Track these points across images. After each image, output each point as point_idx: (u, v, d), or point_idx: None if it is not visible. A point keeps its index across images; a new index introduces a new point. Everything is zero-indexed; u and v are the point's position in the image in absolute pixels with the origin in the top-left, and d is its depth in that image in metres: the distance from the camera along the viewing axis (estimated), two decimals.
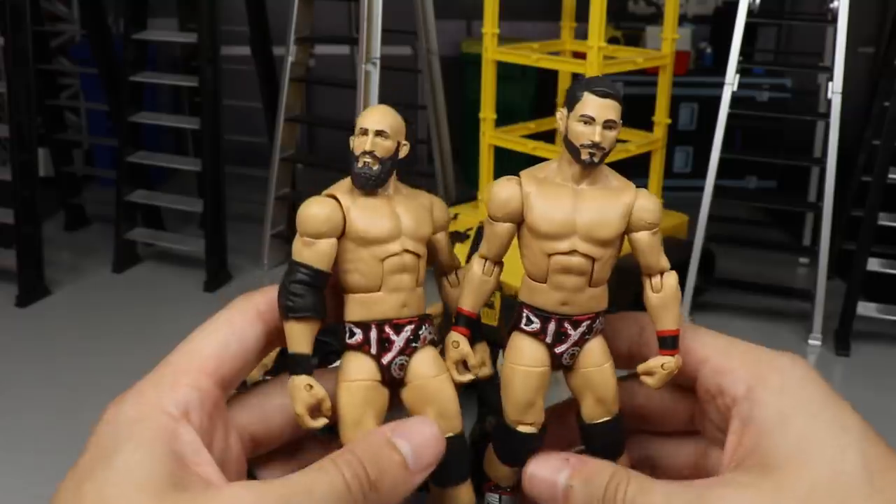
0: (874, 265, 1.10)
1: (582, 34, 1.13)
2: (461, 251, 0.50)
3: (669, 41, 1.18)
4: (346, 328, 0.39)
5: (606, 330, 0.41)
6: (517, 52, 1.18)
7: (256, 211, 1.32)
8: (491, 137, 1.22)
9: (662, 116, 1.21)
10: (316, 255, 0.37)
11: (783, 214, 1.47)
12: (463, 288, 0.41)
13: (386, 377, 0.38)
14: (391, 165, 0.38)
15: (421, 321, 0.39)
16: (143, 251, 1.35)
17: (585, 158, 0.38)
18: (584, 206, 0.38)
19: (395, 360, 0.38)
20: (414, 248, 0.38)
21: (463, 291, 0.41)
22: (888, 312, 1.10)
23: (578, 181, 0.39)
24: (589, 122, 0.37)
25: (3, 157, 1.62)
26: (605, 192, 0.39)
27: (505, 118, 1.25)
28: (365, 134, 0.37)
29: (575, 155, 0.38)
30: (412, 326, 0.39)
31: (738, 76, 1.10)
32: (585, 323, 0.40)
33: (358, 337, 0.38)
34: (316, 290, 0.37)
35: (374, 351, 0.38)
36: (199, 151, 1.26)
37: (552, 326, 0.39)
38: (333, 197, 0.37)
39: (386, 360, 0.38)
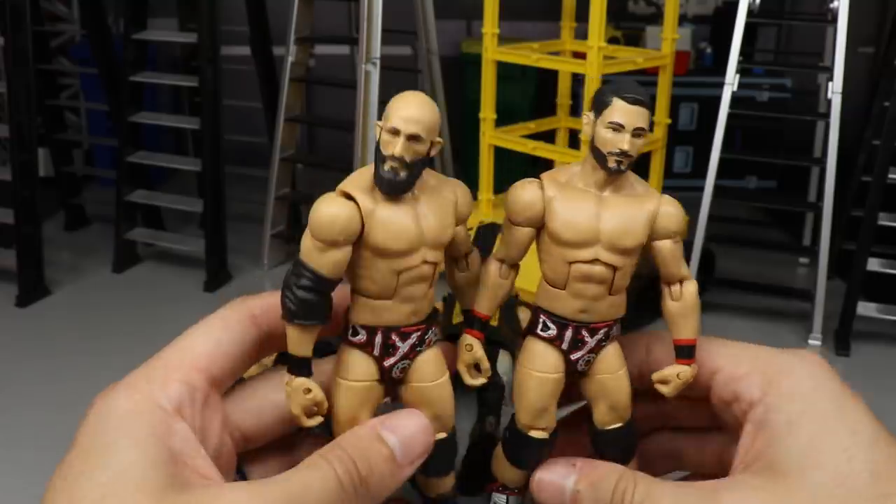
0: (874, 265, 1.10)
1: (582, 34, 1.13)
2: None
3: (669, 41, 1.18)
4: (349, 326, 0.38)
5: None
6: (517, 52, 1.18)
7: (256, 211, 1.32)
8: (491, 137, 1.22)
9: (662, 116, 1.20)
10: (327, 263, 0.34)
11: (783, 214, 1.46)
12: (478, 290, 0.40)
13: (385, 377, 0.38)
14: (421, 167, 0.35)
15: (428, 327, 0.38)
16: (143, 251, 1.34)
17: (612, 166, 0.37)
18: (607, 214, 0.37)
19: (397, 363, 0.38)
20: (433, 257, 0.36)
21: (478, 294, 0.40)
22: (888, 312, 1.10)
23: (602, 188, 0.38)
24: (618, 129, 0.36)
25: (3, 157, 1.62)
26: (629, 199, 0.38)
27: (505, 118, 1.25)
28: (396, 134, 0.33)
29: (601, 162, 0.37)
30: (419, 333, 0.38)
31: (738, 76, 1.10)
32: (603, 330, 0.39)
33: (361, 337, 0.37)
34: (322, 295, 0.35)
35: (376, 353, 0.37)
36: (199, 151, 1.26)
37: (569, 333, 0.39)
38: (352, 197, 0.34)
39: (388, 363, 0.37)
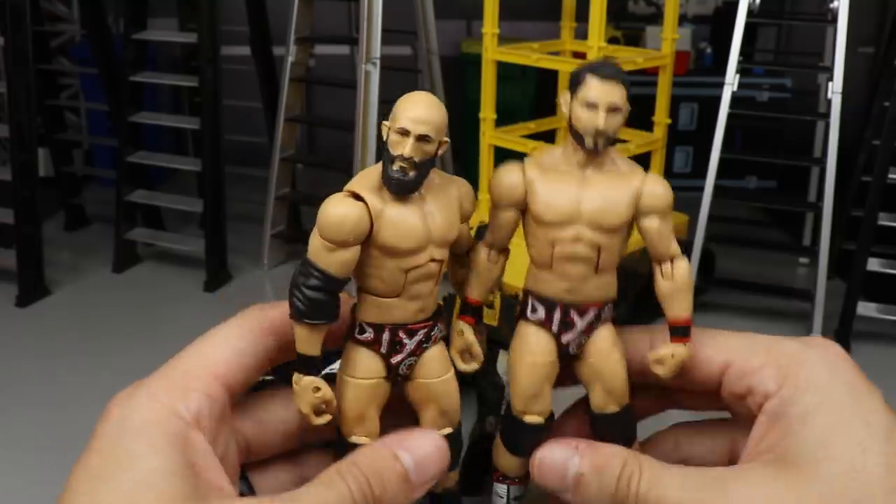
0: (874, 265, 1.10)
1: (582, 34, 1.13)
2: None
3: (669, 41, 1.18)
4: (357, 323, 0.38)
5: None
6: (517, 52, 1.18)
7: (256, 211, 1.32)
8: (491, 137, 1.21)
9: (662, 116, 1.20)
10: (335, 262, 0.34)
11: (783, 214, 1.46)
12: (470, 277, 0.40)
13: (392, 374, 0.38)
14: (430, 167, 0.35)
15: (434, 323, 0.38)
16: (143, 251, 1.34)
17: (589, 145, 0.37)
18: (589, 192, 0.37)
19: (404, 360, 0.38)
20: (440, 255, 0.37)
21: (470, 281, 0.40)
22: (888, 312, 1.10)
23: (584, 167, 0.38)
24: (592, 107, 0.36)
25: (3, 157, 1.62)
26: (612, 177, 0.38)
27: (505, 118, 1.25)
28: (405, 135, 0.34)
29: (579, 141, 0.37)
30: (425, 330, 0.38)
31: (738, 76, 1.10)
32: (592, 312, 0.39)
33: (368, 335, 0.38)
34: (331, 294, 0.35)
35: (384, 350, 0.38)
36: (199, 151, 1.26)
37: (557, 315, 0.38)
38: (360, 197, 0.35)
39: (395, 360, 0.38)
